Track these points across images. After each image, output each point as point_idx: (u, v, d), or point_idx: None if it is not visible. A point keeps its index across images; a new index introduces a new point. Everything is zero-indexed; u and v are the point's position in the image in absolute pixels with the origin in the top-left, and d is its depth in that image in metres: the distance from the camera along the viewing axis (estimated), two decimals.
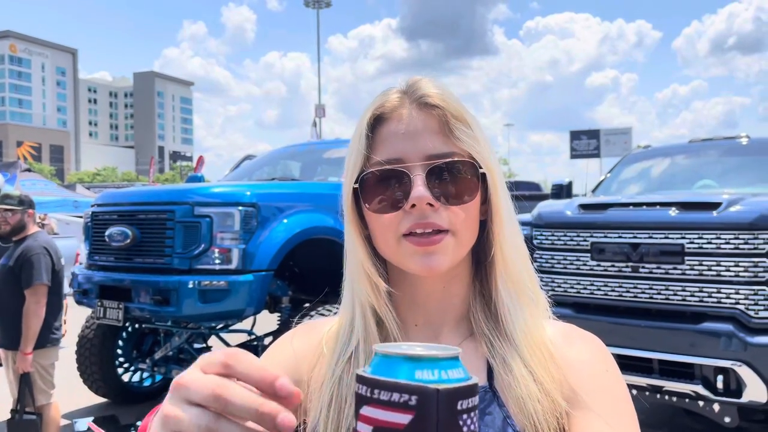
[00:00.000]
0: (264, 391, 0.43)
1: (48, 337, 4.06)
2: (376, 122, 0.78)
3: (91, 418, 5.32)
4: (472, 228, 0.77)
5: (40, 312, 3.91)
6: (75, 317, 6.05)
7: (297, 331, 0.88)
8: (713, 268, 3.53)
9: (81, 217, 6.54)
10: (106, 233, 4.77)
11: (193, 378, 0.44)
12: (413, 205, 0.73)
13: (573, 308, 4.00)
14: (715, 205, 3.63)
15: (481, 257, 0.82)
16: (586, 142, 38.91)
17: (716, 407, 3.46)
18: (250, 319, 5.40)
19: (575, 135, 39.87)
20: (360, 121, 0.79)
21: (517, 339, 0.75)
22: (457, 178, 0.75)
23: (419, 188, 0.73)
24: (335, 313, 0.89)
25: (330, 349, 0.81)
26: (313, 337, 0.85)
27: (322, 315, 4.46)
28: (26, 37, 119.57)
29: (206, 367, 0.45)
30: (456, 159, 0.75)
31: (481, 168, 0.76)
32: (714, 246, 3.52)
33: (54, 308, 4.07)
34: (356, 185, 0.77)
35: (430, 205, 0.73)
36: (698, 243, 3.57)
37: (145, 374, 5.71)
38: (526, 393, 0.71)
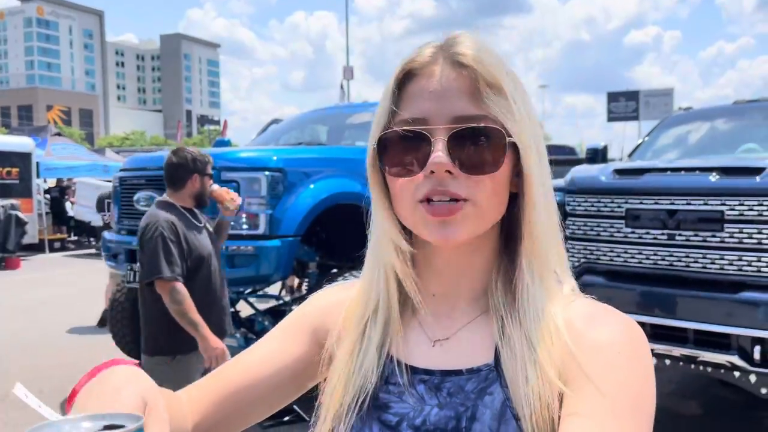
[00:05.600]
0: None
1: None
2: (406, 78, 0.73)
3: None
4: (498, 200, 0.72)
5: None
6: None
7: (331, 287, 0.89)
8: (754, 236, 3.42)
9: (111, 181, 6.60)
10: (135, 197, 4.79)
11: None
12: (432, 171, 0.69)
13: (605, 276, 3.92)
14: (758, 171, 3.51)
15: (511, 232, 0.77)
16: (624, 104, 37.75)
17: (752, 378, 3.39)
18: (278, 284, 5.43)
19: (613, 96, 38.72)
20: (390, 76, 0.75)
21: (527, 320, 0.71)
22: (481, 145, 0.69)
23: (439, 153, 0.68)
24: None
25: (349, 312, 0.82)
26: (341, 296, 0.86)
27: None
28: (53, 0, 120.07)
29: None
30: (482, 125, 0.69)
31: (510, 137, 0.70)
32: (756, 213, 3.40)
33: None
34: (376, 145, 0.74)
35: (449, 172, 0.69)
36: (739, 210, 3.45)
37: None
38: (523, 376, 0.67)
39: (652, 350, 3.97)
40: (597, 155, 5.56)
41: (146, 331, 3.28)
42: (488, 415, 0.68)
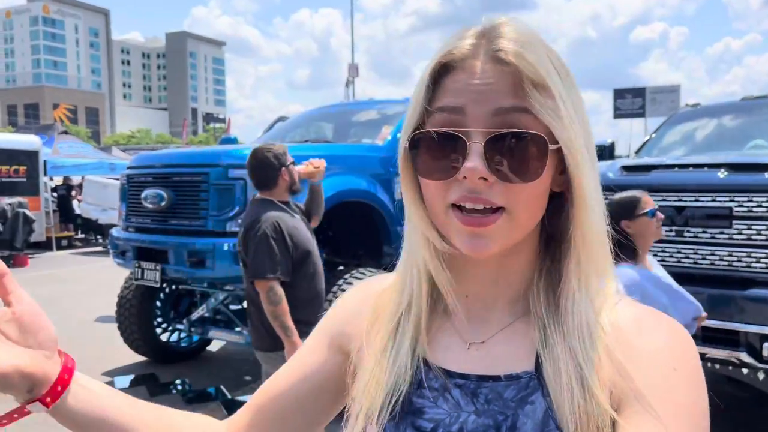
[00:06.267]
0: None
1: None
2: (443, 71, 0.68)
3: (132, 376, 5.47)
4: (535, 207, 0.67)
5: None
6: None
7: (353, 288, 0.87)
8: (763, 232, 3.41)
9: (118, 179, 6.62)
10: (142, 195, 4.81)
11: None
12: (465, 177, 0.64)
13: None
14: (766, 167, 3.50)
15: (555, 234, 0.72)
16: (630, 101, 37.55)
17: (761, 375, 3.39)
18: None
19: (619, 93, 38.55)
20: (425, 68, 0.69)
21: (572, 331, 0.66)
22: (521, 151, 0.64)
23: (474, 159, 0.63)
24: (369, 277, 0.88)
25: (379, 307, 0.79)
26: (366, 293, 0.83)
27: (356, 279, 4.45)
28: None
29: None
30: (523, 130, 0.64)
31: (554, 143, 0.64)
32: (764, 209, 3.40)
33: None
34: (407, 144, 0.69)
35: (484, 179, 0.64)
36: (748, 206, 3.44)
37: (183, 334, 5.81)
38: (569, 393, 0.63)
39: None
40: (604, 152, 5.54)
41: (259, 328, 3.21)
42: (529, 425, 0.65)
